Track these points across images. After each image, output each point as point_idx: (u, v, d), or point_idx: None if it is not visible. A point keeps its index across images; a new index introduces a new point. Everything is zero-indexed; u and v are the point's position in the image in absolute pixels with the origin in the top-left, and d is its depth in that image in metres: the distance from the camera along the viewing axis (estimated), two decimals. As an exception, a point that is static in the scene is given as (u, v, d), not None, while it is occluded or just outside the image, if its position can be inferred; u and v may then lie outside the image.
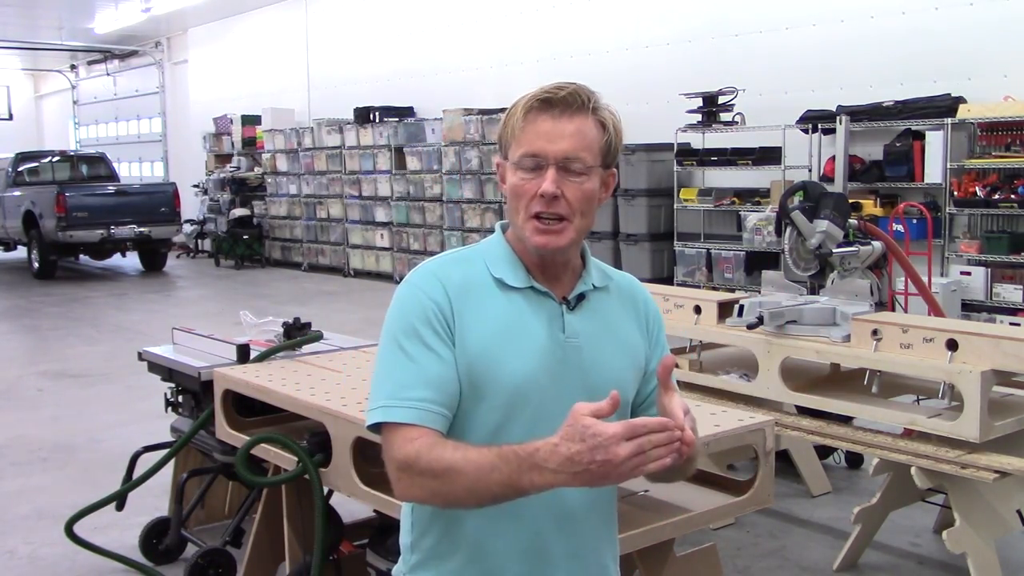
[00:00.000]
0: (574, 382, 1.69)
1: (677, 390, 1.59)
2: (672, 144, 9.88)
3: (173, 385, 4.13)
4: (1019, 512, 3.69)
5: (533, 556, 1.71)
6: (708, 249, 9.71)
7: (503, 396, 1.67)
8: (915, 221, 7.79)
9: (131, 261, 16.64)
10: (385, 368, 1.68)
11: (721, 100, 9.51)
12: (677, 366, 3.35)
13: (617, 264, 10.32)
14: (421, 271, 1.74)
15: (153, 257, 16.06)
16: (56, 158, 17.21)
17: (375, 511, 3.27)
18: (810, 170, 8.76)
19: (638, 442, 1.40)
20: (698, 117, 9.64)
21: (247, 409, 3.66)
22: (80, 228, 14.55)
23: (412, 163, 13.55)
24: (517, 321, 1.70)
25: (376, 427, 1.66)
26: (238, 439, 3.51)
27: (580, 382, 1.70)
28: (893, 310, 5.31)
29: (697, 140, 9.91)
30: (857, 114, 8.36)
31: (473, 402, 1.68)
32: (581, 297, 1.77)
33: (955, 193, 7.87)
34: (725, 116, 9.53)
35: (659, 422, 1.43)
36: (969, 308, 7.81)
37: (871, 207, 8.17)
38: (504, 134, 1.73)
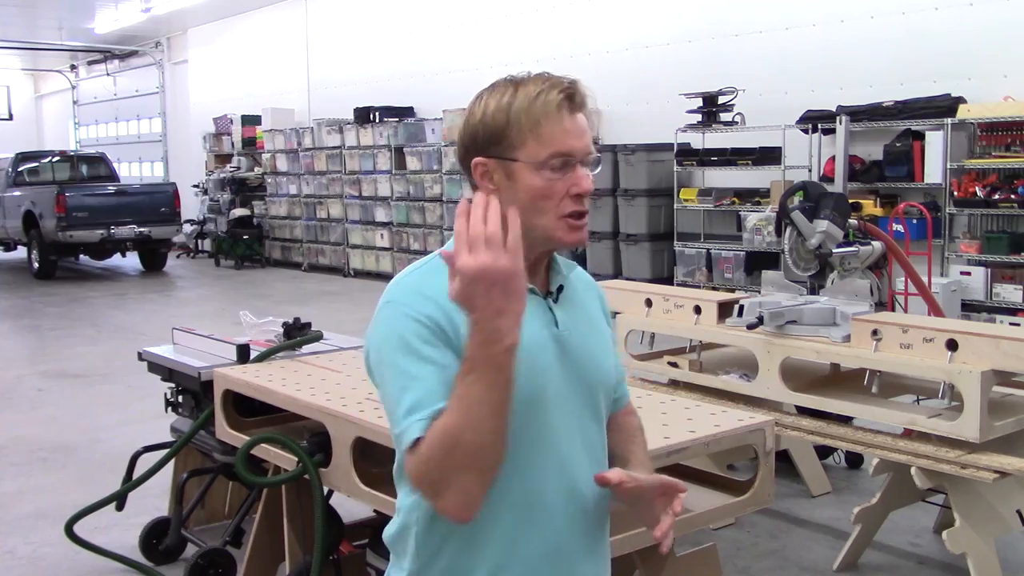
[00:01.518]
0: (572, 375, 1.66)
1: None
2: (672, 144, 9.88)
3: (173, 385, 4.13)
4: (1019, 512, 3.69)
5: (557, 558, 1.67)
6: (708, 249, 9.71)
7: (520, 398, 1.56)
8: (915, 221, 7.78)
9: (131, 261, 16.63)
10: (391, 394, 1.56)
11: (721, 100, 9.50)
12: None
13: (618, 264, 10.33)
14: (402, 288, 1.64)
15: (153, 257, 16.06)
16: (56, 158, 17.21)
17: (375, 511, 3.27)
18: (810, 170, 8.76)
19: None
20: (698, 117, 9.64)
21: (247, 409, 3.66)
22: (80, 228, 14.55)
23: (412, 163, 13.54)
24: None
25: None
26: (238, 439, 3.51)
27: (576, 375, 1.67)
28: (893, 310, 5.31)
29: (697, 140, 9.91)
30: (857, 114, 8.35)
31: None
32: (560, 289, 1.74)
33: (955, 193, 7.87)
34: (725, 116, 9.53)
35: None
36: (969, 308, 7.81)
37: (871, 207, 8.17)
38: (505, 130, 1.65)
